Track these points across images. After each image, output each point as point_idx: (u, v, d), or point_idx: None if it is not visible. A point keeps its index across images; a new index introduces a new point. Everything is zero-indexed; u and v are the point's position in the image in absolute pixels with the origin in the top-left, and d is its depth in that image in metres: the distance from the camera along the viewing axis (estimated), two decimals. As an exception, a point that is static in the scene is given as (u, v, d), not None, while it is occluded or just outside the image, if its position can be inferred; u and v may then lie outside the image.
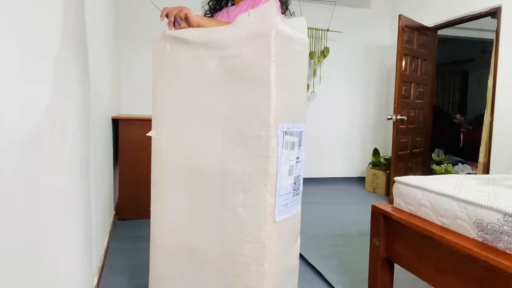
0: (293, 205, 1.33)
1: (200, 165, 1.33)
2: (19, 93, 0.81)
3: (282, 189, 1.23)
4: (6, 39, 0.74)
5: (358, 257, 2.37)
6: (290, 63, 1.27)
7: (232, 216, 1.25)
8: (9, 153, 0.75)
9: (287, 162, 1.24)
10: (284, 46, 1.21)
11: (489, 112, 3.43)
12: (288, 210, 1.29)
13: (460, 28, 4.42)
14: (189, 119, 1.36)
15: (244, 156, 1.22)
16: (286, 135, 1.23)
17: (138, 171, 3.04)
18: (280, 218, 1.25)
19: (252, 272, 1.23)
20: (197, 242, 1.36)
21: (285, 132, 1.22)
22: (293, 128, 1.28)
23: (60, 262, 1.15)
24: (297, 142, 1.30)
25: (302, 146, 1.36)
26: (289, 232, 1.34)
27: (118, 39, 3.83)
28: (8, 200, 0.74)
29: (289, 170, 1.26)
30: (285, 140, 1.22)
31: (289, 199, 1.28)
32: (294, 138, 1.28)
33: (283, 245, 1.30)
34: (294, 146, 1.28)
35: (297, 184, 1.34)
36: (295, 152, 1.29)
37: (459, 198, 1.25)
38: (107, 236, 2.49)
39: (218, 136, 1.28)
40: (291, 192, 1.29)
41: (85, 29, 1.73)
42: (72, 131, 1.35)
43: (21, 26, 0.82)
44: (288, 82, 1.25)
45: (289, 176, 1.26)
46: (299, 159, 1.33)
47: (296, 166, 1.31)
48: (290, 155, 1.25)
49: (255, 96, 1.20)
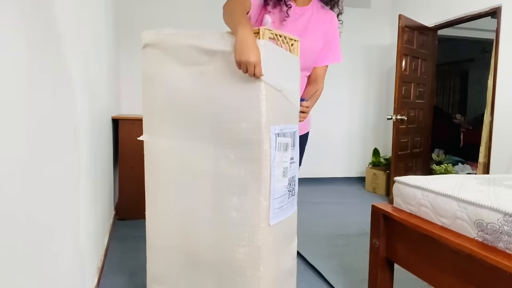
0: (289, 207, 1.31)
1: (193, 169, 1.31)
2: (19, 94, 0.81)
3: (277, 191, 1.22)
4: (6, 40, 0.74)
5: (358, 257, 2.36)
6: (280, 61, 1.24)
7: (226, 220, 1.25)
8: (9, 153, 0.75)
9: (281, 164, 1.22)
10: (272, 47, 1.20)
11: (489, 112, 3.43)
12: (283, 213, 1.27)
13: (460, 28, 4.42)
14: (180, 122, 1.34)
15: (237, 159, 1.20)
16: (279, 137, 1.21)
17: (138, 171, 3.01)
18: (275, 221, 1.23)
19: (248, 276, 1.22)
20: (191, 246, 1.35)
21: (277, 134, 1.20)
22: (286, 129, 1.25)
23: (60, 262, 1.15)
24: (290, 143, 1.27)
25: (296, 146, 1.33)
26: (285, 234, 1.33)
27: (118, 39, 3.83)
28: (8, 200, 0.74)
29: (283, 172, 1.24)
30: (278, 142, 1.20)
31: (284, 201, 1.27)
32: (288, 139, 1.26)
33: (279, 247, 1.29)
34: (288, 147, 1.26)
35: (292, 185, 1.32)
36: (288, 153, 1.26)
37: (459, 198, 1.24)
38: (107, 236, 2.49)
39: (210, 140, 1.26)
40: (286, 194, 1.27)
41: (85, 29, 1.73)
42: (72, 131, 1.35)
43: (20, 26, 0.82)
44: (278, 81, 1.22)
45: (284, 178, 1.25)
46: (293, 159, 1.31)
47: (291, 167, 1.29)
48: (283, 157, 1.23)
49: (245, 99, 1.19)
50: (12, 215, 0.76)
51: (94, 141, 1.94)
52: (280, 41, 1.27)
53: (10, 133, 0.76)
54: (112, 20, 3.17)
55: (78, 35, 1.54)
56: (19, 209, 0.80)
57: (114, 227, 2.87)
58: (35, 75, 0.93)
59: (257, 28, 1.18)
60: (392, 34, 4.77)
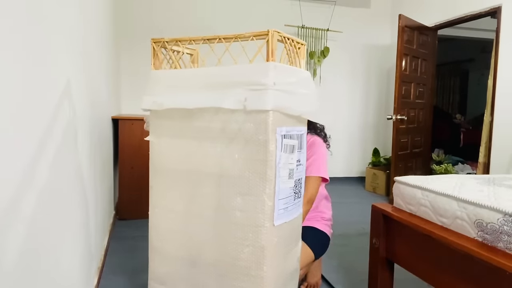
0: (294, 208, 1.31)
1: (198, 168, 1.31)
2: (18, 94, 0.81)
3: (282, 192, 1.22)
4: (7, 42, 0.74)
5: (358, 257, 2.36)
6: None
7: (230, 220, 1.25)
8: (9, 153, 0.75)
9: (287, 165, 1.22)
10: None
11: (489, 112, 3.43)
12: (288, 214, 1.27)
13: (460, 28, 4.42)
14: (186, 122, 1.34)
15: (242, 160, 1.21)
16: (285, 139, 1.21)
17: (138, 171, 3.03)
18: (280, 221, 1.23)
19: (251, 276, 1.22)
20: (195, 246, 1.35)
21: (284, 135, 1.20)
22: (293, 131, 1.25)
23: (60, 262, 1.15)
24: (297, 145, 1.27)
25: (303, 149, 1.34)
26: (289, 236, 1.33)
27: (118, 39, 3.83)
28: (7, 200, 0.74)
29: (289, 174, 1.24)
30: (284, 143, 1.20)
31: (290, 202, 1.27)
32: (294, 141, 1.26)
33: (283, 248, 1.29)
34: (294, 149, 1.26)
35: (298, 187, 1.32)
36: (295, 155, 1.26)
37: (459, 198, 1.24)
38: (107, 236, 2.49)
39: (215, 139, 1.27)
40: (291, 196, 1.27)
41: (85, 29, 1.73)
42: (72, 131, 1.35)
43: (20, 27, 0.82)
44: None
45: (289, 179, 1.25)
46: (300, 162, 1.31)
47: (297, 169, 1.29)
48: (289, 159, 1.23)
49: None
50: (11, 215, 0.76)
51: (94, 141, 1.94)
52: (288, 43, 1.27)
53: (10, 134, 0.76)
54: (112, 20, 3.17)
55: (78, 35, 1.54)
56: (18, 209, 0.80)
57: (114, 227, 2.87)
58: (35, 75, 0.93)
59: (267, 30, 1.18)
60: (392, 34, 4.77)
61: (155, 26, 4.13)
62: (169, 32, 3.74)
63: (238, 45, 1.22)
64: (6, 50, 0.74)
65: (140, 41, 4.02)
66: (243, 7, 4.49)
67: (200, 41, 1.32)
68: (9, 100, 0.75)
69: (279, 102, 1.15)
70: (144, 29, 4.09)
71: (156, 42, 1.41)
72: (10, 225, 0.75)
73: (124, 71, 4.08)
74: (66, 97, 1.26)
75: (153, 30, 4.03)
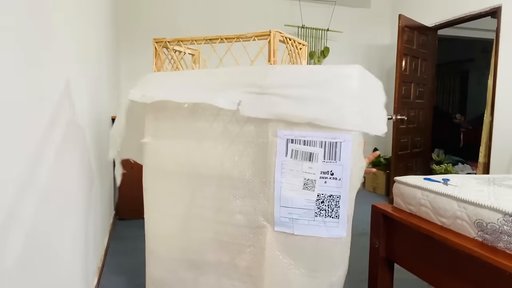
0: (316, 226, 1.17)
1: (197, 170, 1.29)
2: (18, 94, 0.81)
3: (288, 201, 1.14)
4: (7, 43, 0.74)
5: (358, 257, 2.36)
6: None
7: (230, 222, 1.23)
8: (9, 153, 0.75)
9: (299, 173, 1.13)
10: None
11: (489, 112, 3.43)
12: (299, 228, 1.16)
13: (460, 28, 4.42)
14: (184, 124, 1.32)
15: (243, 162, 1.19)
16: (293, 144, 1.12)
17: (138, 171, 3.01)
18: (282, 229, 1.16)
19: (252, 277, 1.21)
20: (193, 248, 1.33)
21: (291, 140, 1.12)
22: (310, 137, 1.11)
23: (60, 262, 1.15)
24: (319, 153, 1.11)
25: (342, 160, 1.12)
26: (309, 258, 1.21)
27: (118, 39, 3.82)
28: (8, 200, 0.74)
29: (305, 184, 1.13)
30: (292, 148, 1.12)
31: (304, 216, 1.15)
32: (312, 148, 1.11)
33: (292, 262, 1.19)
34: (314, 158, 1.11)
35: (326, 203, 1.15)
36: (316, 165, 1.12)
37: (459, 198, 1.24)
38: (107, 236, 2.49)
39: (215, 141, 1.25)
40: (307, 209, 1.14)
41: (85, 29, 1.73)
42: (72, 131, 1.35)
43: (20, 27, 0.82)
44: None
45: (305, 190, 1.13)
46: (333, 175, 1.13)
47: (325, 182, 1.13)
48: (304, 166, 1.12)
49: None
50: (11, 215, 0.76)
51: (94, 141, 1.94)
52: (289, 44, 1.27)
53: (10, 134, 0.76)
54: (113, 20, 3.17)
55: (78, 35, 1.54)
56: (18, 209, 0.80)
57: (114, 227, 2.87)
58: (35, 75, 0.93)
59: (268, 31, 1.18)
60: (392, 34, 4.76)
61: (156, 26, 4.13)
62: (170, 32, 3.73)
63: (239, 45, 1.23)
64: (6, 50, 0.74)
65: (141, 41, 4.01)
66: (243, 7, 4.49)
67: (202, 41, 1.32)
68: (9, 100, 0.75)
69: (276, 108, 1.08)
70: (145, 29, 4.08)
71: (158, 42, 1.41)
72: (11, 225, 0.75)
73: (124, 71, 4.07)
74: (66, 97, 1.26)
75: (154, 30, 4.03)
